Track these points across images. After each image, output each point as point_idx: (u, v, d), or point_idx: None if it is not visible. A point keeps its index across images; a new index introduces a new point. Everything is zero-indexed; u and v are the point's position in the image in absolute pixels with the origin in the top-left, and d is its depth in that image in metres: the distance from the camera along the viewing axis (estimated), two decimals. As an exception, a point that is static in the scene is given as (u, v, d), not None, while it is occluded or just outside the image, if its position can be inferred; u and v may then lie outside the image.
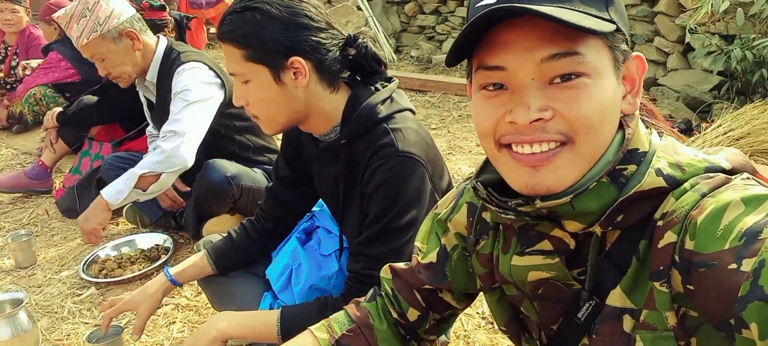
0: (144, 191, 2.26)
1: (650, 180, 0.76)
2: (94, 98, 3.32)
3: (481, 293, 1.10)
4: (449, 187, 1.50)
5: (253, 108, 1.40)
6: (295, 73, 1.35)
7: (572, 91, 0.74)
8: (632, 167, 0.78)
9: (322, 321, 1.17)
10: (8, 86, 4.75)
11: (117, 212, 2.81)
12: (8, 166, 3.92)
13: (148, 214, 2.84)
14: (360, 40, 1.42)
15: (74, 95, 3.64)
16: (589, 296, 0.84)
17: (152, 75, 2.46)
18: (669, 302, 0.74)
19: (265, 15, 1.31)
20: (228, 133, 2.48)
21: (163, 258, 2.49)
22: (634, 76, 0.82)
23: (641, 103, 0.89)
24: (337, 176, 1.48)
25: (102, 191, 2.25)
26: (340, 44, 1.40)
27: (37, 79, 4.03)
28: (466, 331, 1.92)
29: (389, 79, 1.51)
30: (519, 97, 0.76)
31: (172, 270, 1.67)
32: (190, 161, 2.26)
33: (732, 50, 3.76)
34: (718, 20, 4.37)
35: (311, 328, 1.16)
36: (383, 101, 1.42)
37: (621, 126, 0.81)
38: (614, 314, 0.80)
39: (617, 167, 0.78)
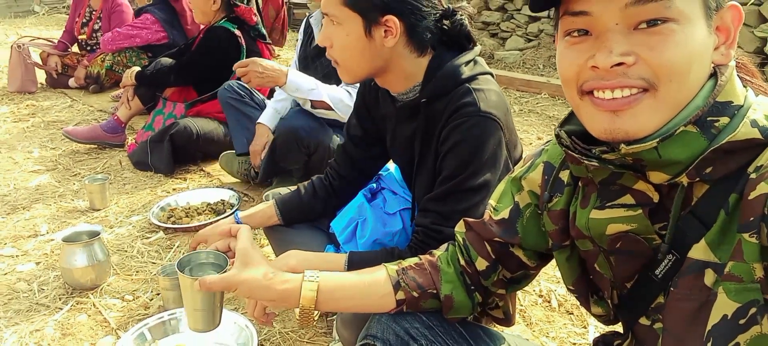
0: (313, 107, 2.43)
1: (745, 131, 0.74)
2: (171, 60, 3.48)
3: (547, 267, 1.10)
4: (521, 159, 1.51)
5: (335, 52, 1.42)
6: (385, 31, 1.37)
7: (657, 36, 0.74)
8: (725, 119, 0.76)
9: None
10: (89, 48, 5.00)
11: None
12: (84, 121, 4.12)
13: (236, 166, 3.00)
14: (458, 15, 1.42)
15: (157, 56, 3.82)
16: (669, 249, 0.83)
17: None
18: (758, 253, 0.72)
19: None
20: None
21: (228, 212, 2.58)
22: (728, 27, 0.79)
23: (740, 61, 0.87)
24: (413, 134, 1.50)
25: (288, 81, 2.38)
26: (437, 14, 1.41)
27: (125, 41, 4.28)
28: (522, 306, 1.92)
29: (469, 40, 1.51)
30: (602, 42, 0.76)
31: (241, 214, 1.74)
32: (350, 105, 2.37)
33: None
34: None
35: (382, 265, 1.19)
36: (467, 63, 1.43)
37: (714, 75, 0.80)
38: (696, 268, 0.78)
39: (708, 119, 0.76)
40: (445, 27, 1.42)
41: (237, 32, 3.21)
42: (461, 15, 1.44)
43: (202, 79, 3.36)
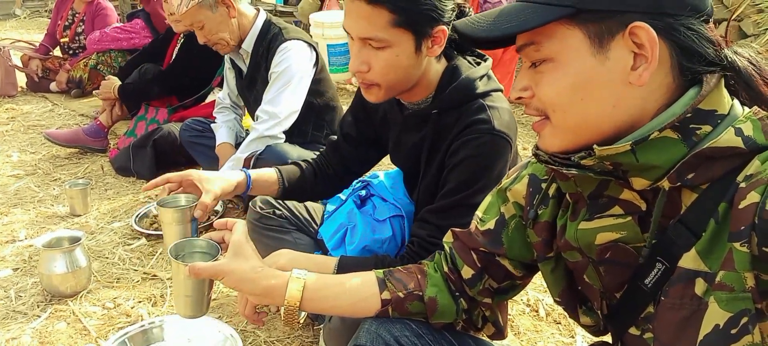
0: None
1: (727, 138, 0.75)
2: (153, 68, 3.45)
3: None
4: None
5: (374, 75, 1.34)
6: (432, 42, 1.34)
7: (539, 75, 0.84)
8: (707, 127, 0.77)
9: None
10: (71, 52, 4.92)
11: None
12: (65, 126, 4.05)
13: None
14: (467, 11, 1.39)
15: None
16: (652, 254, 0.83)
17: (249, 44, 2.53)
18: (749, 263, 0.72)
19: None
20: (307, 111, 2.51)
21: (213, 219, 2.54)
22: (644, 45, 0.77)
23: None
24: (420, 143, 1.48)
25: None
26: (452, 15, 1.37)
27: (113, 44, 4.25)
28: (510, 315, 1.91)
29: (482, 56, 1.50)
30: (516, 78, 0.90)
31: (252, 173, 1.66)
32: (281, 139, 2.40)
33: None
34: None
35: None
36: (481, 77, 1.41)
37: (699, 82, 0.79)
38: (686, 277, 0.78)
39: (691, 126, 0.77)
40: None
41: None
42: (469, 8, 1.41)
43: (185, 87, 3.35)
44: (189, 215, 1.44)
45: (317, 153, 1.82)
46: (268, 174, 1.66)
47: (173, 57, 3.48)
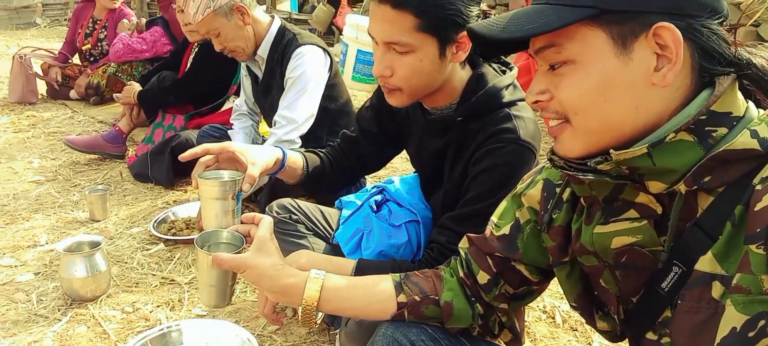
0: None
1: (743, 140, 0.75)
2: (171, 75, 3.50)
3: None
4: None
5: (397, 80, 1.35)
6: (457, 48, 1.33)
7: (559, 77, 0.83)
8: (723, 130, 0.77)
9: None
10: (92, 59, 5.00)
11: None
12: (85, 132, 4.11)
13: None
14: (491, 16, 1.39)
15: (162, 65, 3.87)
16: (670, 258, 0.83)
17: (264, 50, 2.56)
18: (765, 264, 0.71)
19: None
20: (321, 116, 2.53)
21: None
22: (669, 46, 0.77)
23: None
24: (443, 149, 1.48)
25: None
26: (477, 20, 1.36)
27: (134, 55, 4.34)
28: (526, 322, 1.90)
29: (507, 64, 1.49)
30: (532, 81, 0.88)
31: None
32: (298, 144, 2.40)
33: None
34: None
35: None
36: (507, 86, 1.41)
37: (712, 84, 0.80)
38: (703, 280, 0.78)
39: (706, 128, 0.77)
40: None
41: None
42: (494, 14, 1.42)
43: (201, 95, 3.40)
44: (233, 190, 1.37)
45: (329, 146, 1.82)
46: (296, 157, 1.66)
47: (188, 66, 3.52)
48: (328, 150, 1.79)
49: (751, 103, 0.81)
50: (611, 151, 0.80)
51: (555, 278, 1.13)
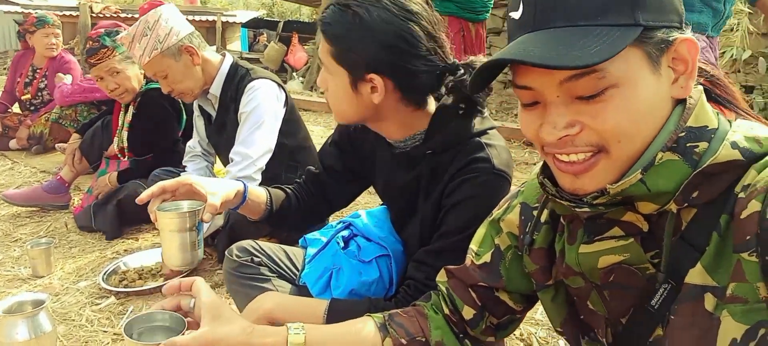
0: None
1: (725, 153, 0.74)
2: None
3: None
4: None
5: (328, 97, 1.37)
6: (371, 88, 1.30)
7: (599, 105, 0.74)
8: (704, 145, 0.76)
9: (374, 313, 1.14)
10: (33, 108, 4.79)
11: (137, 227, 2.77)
12: (26, 184, 3.89)
13: None
14: (461, 72, 1.30)
15: (108, 108, 3.65)
16: (665, 278, 0.80)
17: (216, 88, 2.46)
18: (759, 272, 0.70)
19: (363, 24, 1.24)
20: (278, 153, 2.43)
21: (185, 271, 2.42)
22: (685, 58, 0.77)
23: (721, 82, 0.88)
24: (413, 183, 1.43)
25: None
26: (437, 72, 1.31)
27: (85, 95, 4.14)
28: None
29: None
30: (548, 115, 0.78)
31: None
32: (257, 180, 2.29)
33: (754, 99, 3.76)
34: (739, 71, 4.39)
35: (366, 315, 1.13)
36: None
37: (680, 100, 0.79)
38: (694, 293, 0.76)
39: (688, 145, 0.76)
40: (449, 85, 1.32)
41: None
42: (464, 71, 1.31)
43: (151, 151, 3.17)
44: (194, 220, 1.33)
45: (296, 183, 1.74)
46: (258, 192, 1.58)
47: (120, 125, 3.25)
48: (293, 187, 1.71)
49: (720, 114, 0.81)
50: (607, 186, 0.77)
51: (535, 305, 1.11)
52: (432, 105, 1.40)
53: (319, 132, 5.06)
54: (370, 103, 1.32)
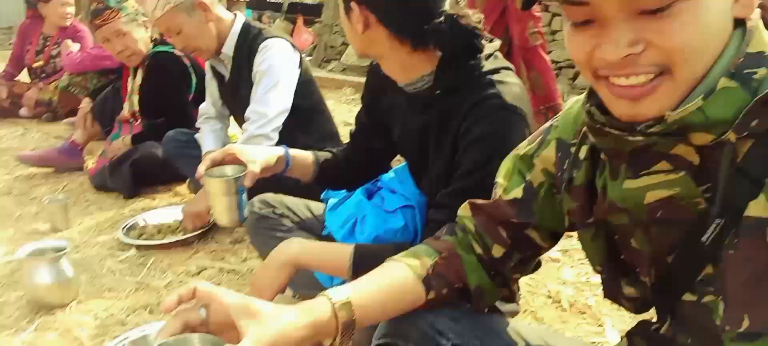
0: None
1: None
2: None
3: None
4: None
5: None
6: (356, 19, 1.34)
7: (666, 19, 0.68)
8: (763, 71, 0.72)
9: (403, 252, 1.11)
10: (43, 75, 4.78)
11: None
12: (39, 147, 3.89)
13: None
14: (441, 19, 1.31)
15: (117, 76, 3.64)
16: (719, 212, 0.76)
17: (229, 48, 2.42)
18: None
19: None
20: (294, 114, 2.41)
21: (200, 230, 2.42)
22: None
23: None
24: (425, 127, 1.43)
25: None
26: (422, 14, 1.32)
27: (95, 63, 4.13)
28: (533, 308, 1.86)
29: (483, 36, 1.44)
30: (606, 32, 0.72)
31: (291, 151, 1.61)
32: (274, 139, 2.28)
33: None
34: None
35: (395, 257, 1.09)
36: (487, 56, 1.37)
37: (740, 21, 0.75)
38: (756, 227, 0.72)
39: (745, 72, 0.72)
40: (439, 27, 1.32)
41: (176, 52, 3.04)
42: (458, 16, 1.32)
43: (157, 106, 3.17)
44: (236, 185, 1.46)
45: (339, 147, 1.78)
46: (304, 155, 1.62)
47: (139, 95, 3.22)
48: (344, 148, 1.75)
49: None
50: (667, 113, 0.73)
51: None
52: (435, 52, 1.39)
53: (330, 106, 5.06)
54: (363, 37, 1.36)
